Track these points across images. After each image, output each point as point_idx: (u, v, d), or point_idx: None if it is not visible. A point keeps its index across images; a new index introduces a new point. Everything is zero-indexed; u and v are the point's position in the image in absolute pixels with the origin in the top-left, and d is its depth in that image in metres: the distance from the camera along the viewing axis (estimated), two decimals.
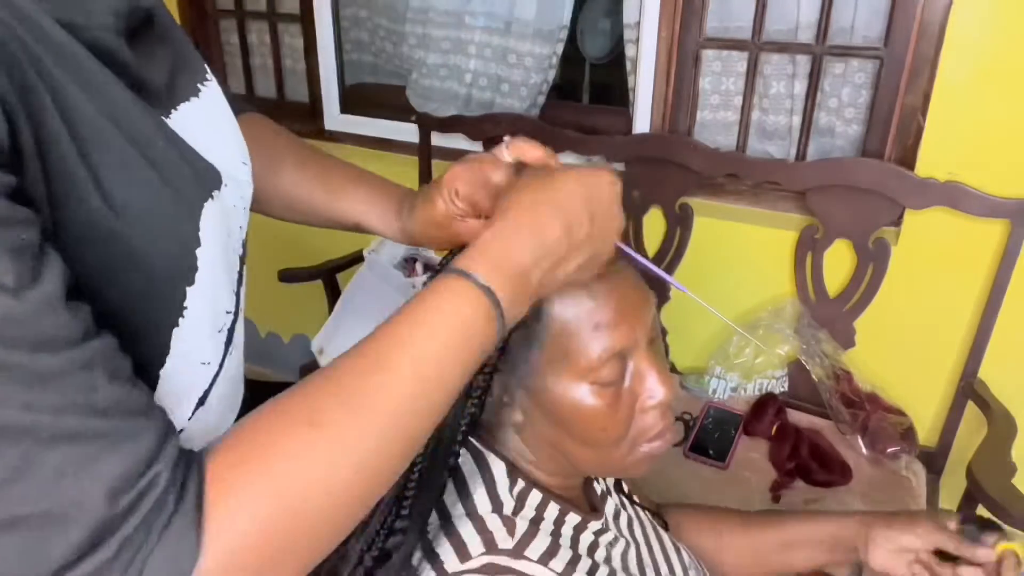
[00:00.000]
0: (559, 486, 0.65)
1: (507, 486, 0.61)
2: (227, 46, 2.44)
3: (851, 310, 1.56)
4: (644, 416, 0.60)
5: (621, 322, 0.57)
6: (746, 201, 1.70)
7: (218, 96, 0.61)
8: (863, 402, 1.49)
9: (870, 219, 1.49)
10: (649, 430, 0.61)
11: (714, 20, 1.65)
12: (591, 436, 0.59)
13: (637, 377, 0.60)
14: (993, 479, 1.17)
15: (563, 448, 0.62)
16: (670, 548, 0.76)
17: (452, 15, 1.93)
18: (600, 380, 0.57)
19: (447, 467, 0.58)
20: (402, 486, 0.57)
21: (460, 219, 0.60)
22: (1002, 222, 1.37)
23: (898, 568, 0.77)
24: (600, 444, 0.60)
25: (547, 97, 1.95)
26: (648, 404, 0.60)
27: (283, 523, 0.39)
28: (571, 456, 0.62)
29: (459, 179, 0.59)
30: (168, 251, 0.47)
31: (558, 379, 0.58)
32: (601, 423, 0.58)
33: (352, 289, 1.76)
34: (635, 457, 0.62)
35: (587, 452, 0.61)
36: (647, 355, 0.60)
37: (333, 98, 2.19)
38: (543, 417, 0.60)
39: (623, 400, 0.59)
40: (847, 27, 1.55)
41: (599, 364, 0.57)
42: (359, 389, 0.43)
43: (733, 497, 1.36)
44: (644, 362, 0.60)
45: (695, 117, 1.74)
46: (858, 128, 1.60)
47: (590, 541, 0.64)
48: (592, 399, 0.58)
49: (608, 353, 0.57)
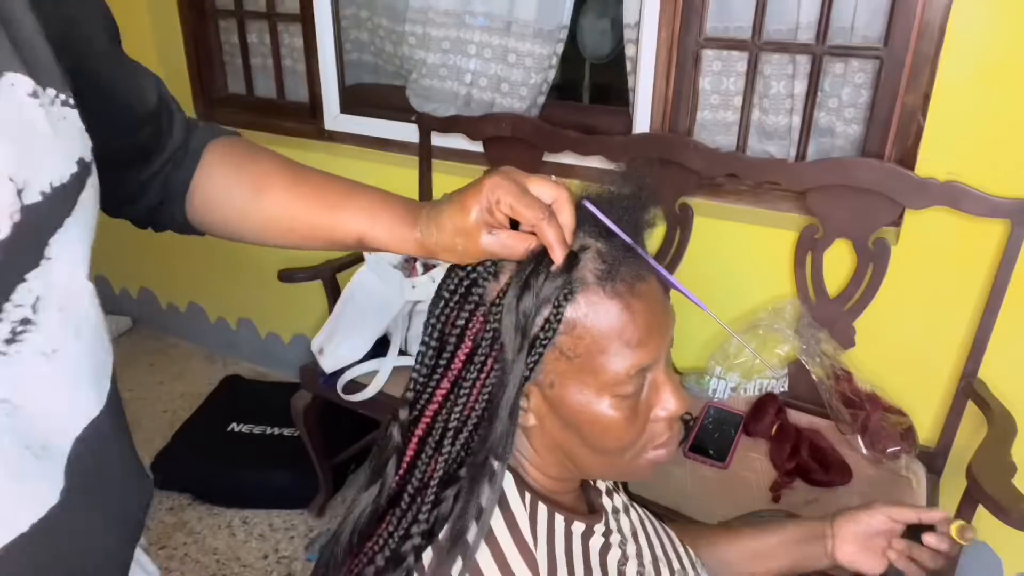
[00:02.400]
0: (558, 490, 0.65)
1: (518, 497, 0.61)
2: (227, 46, 2.44)
3: (851, 310, 1.56)
4: (655, 425, 0.62)
5: (649, 340, 0.58)
6: (746, 201, 1.70)
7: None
8: (863, 402, 1.49)
9: (870, 219, 1.49)
10: (657, 438, 0.62)
11: (714, 20, 1.65)
12: (604, 444, 0.60)
13: (653, 389, 0.61)
14: (993, 479, 1.17)
15: (571, 452, 0.62)
16: (677, 543, 0.77)
17: (452, 15, 1.93)
18: (622, 393, 0.58)
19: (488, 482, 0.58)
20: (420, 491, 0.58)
21: (489, 230, 0.58)
22: (1002, 222, 1.37)
23: (868, 561, 0.80)
24: (610, 451, 0.61)
25: (547, 97, 1.95)
26: (661, 415, 0.61)
27: None
28: (578, 460, 0.63)
29: (501, 188, 0.57)
30: None
31: (581, 390, 0.58)
32: (617, 432, 0.59)
33: (352, 289, 1.76)
34: (641, 463, 0.63)
35: (596, 458, 0.62)
36: (664, 368, 0.61)
37: (333, 98, 2.19)
38: (556, 422, 0.61)
39: (639, 411, 0.60)
40: (847, 27, 1.55)
41: (626, 379, 0.58)
42: None
43: (733, 497, 1.36)
44: (661, 375, 0.61)
45: (695, 117, 1.74)
46: (858, 128, 1.60)
47: (600, 544, 0.65)
48: (612, 411, 0.58)
49: (635, 369, 0.58)
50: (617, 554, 0.65)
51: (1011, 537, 1.23)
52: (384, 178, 2.12)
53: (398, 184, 2.08)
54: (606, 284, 0.57)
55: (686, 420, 1.57)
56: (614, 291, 0.57)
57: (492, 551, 0.58)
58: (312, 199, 0.67)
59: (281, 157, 0.71)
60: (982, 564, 1.60)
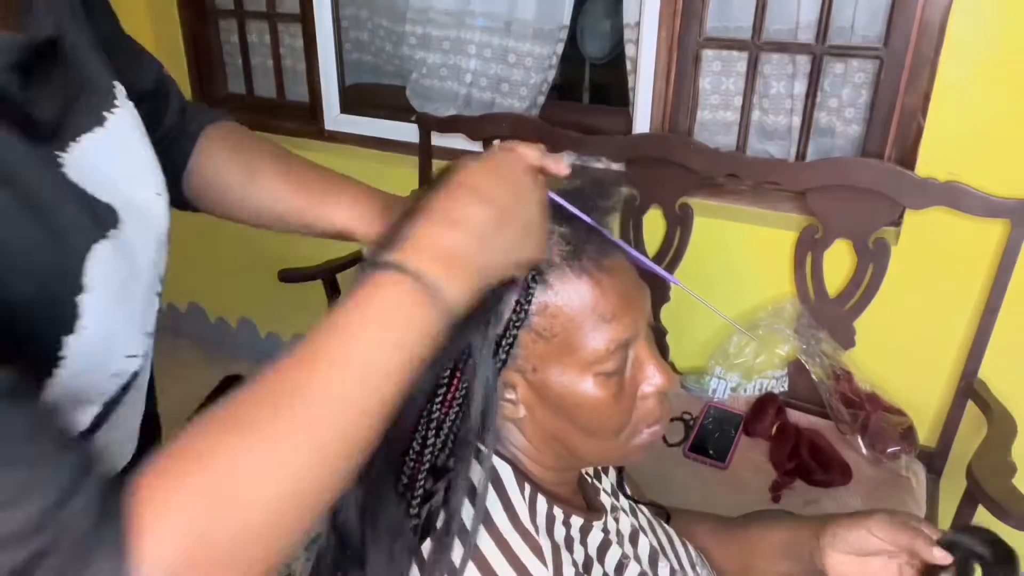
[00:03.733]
0: (556, 482, 0.66)
1: (517, 488, 0.61)
2: (227, 46, 2.44)
3: (851, 310, 1.56)
4: (644, 403, 0.62)
5: (625, 313, 0.59)
6: (746, 201, 1.70)
7: (129, 122, 0.57)
8: (863, 402, 1.49)
9: (870, 219, 1.49)
10: (649, 416, 0.63)
11: (714, 20, 1.65)
12: (596, 425, 0.61)
13: (637, 365, 0.62)
14: (993, 479, 1.17)
15: (566, 439, 0.62)
16: (677, 541, 0.76)
17: (452, 15, 1.93)
18: (605, 371, 0.59)
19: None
20: None
21: None
22: (1002, 222, 1.37)
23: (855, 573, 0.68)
24: (604, 433, 0.61)
25: (547, 97, 1.95)
26: (648, 391, 0.62)
27: (219, 537, 0.37)
28: (573, 447, 0.63)
29: None
30: (39, 298, 0.45)
31: (563, 371, 0.59)
32: (606, 412, 0.60)
33: None
34: (635, 444, 0.64)
35: (590, 442, 0.62)
36: (646, 344, 0.62)
37: (333, 98, 2.19)
38: (546, 410, 0.61)
39: (625, 389, 0.61)
40: (847, 27, 1.55)
41: (606, 355, 0.58)
42: (287, 387, 0.41)
43: (733, 497, 1.36)
44: (644, 351, 0.62)
45: (695, 117, 1.74)
46: (858, 128, 1.60)
47: (600, 540, 0.65)
48: (597, 390, 0.59)
49: (614, 344, 0.58)
50: (617, 552, 0.65)
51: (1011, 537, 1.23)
52: (384, 178, 2.12)
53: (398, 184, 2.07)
54: (573, 263, 0.58)
55: (686, 420, 1.57)
56: (581, 268, 0.58)
57: (493, 537, 0.58)
58: (298, 187, 0.71)
59: (271, 144, 0.74)
60: None
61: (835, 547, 0.68)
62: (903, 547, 0.65)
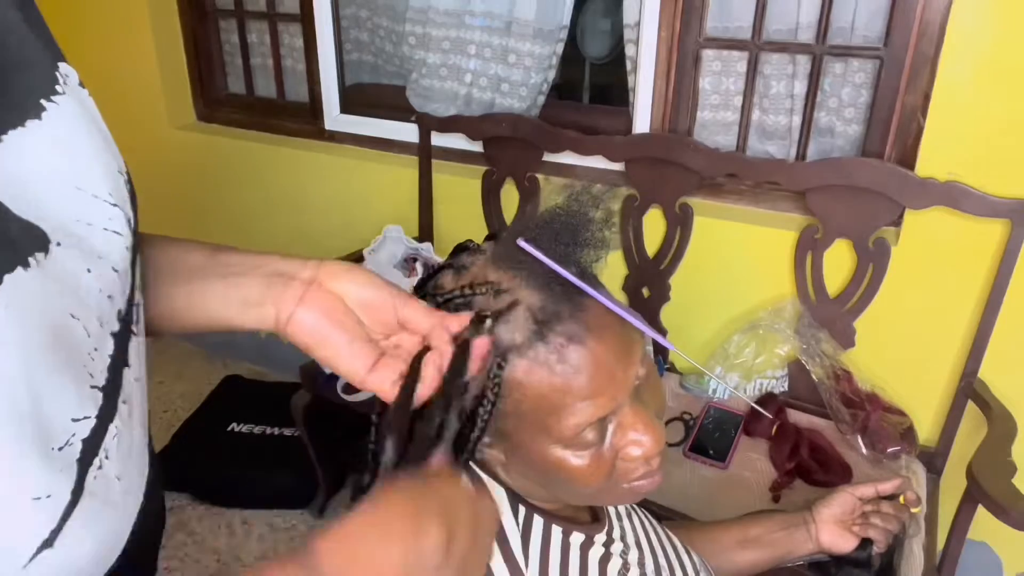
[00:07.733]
0: (556, 507, 0.64)
1: (511, 513, 0.60)
2: (227, 46, 2.44)
3: (851, 310, 1.56)
4: (626, 464, 0.58)
5: (604, 390, 0.54)
6: (746, 201, 1.70)
7: (76, 113, 0.43)
8: (863, 402, 1.49)
9: (870, 219, 1.49)
10: (631, 474, 0.59)
11: (714, 20, 1.65)
12: (574, 487, 0.58)
13: (620, 432, 0.57)
14: (993, 479, 1.17)
15: (549, 488, 0.61)
16: (681, 549, 0.76)
17: (452, 15, 1.93)
18: (581, 444, 0.55)
19: None
20: None
21: None
22: (1002, 222, 1.37)
23: (844, 540, 0.86)
24: (582, 494, 0.59)
25: (547, 97, 1.95)
26: (636, 454, 0.57)
27: None
28: (557, 495, 0.62)
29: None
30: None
31: (534, 441, 0.56)
32: (584, 480, 0.56)
33: None
34: (619, 493, 0.60)
35: (571, 495, 0.61)
36: (631, 410, 0.57)
37: (333, 98, 2.19)
38: (525, 466, 0.59)
39: (604, 455, 0.57)
40: (847, 27, 1.55)
41: (579, 433, 0.54)
42: None
43: (733, 497, 1.36)
44: (628, 416, 0.57)
45: (695, 117, 1.74)
46: (858, 128, 1.60)
47: (600, 555, 0.64)
48: (572, 460, 0.56)
49: (587, 424, 0.54)
50: (618, 564, 0.64)
51: (1011, 537, 1.23)
52: (384, 178, 2.12)
53: (398, 184, 2.08)
54: (539, 345, 0.52)
55: (686, 420, 1.57)
56: (551, 349, 0.52)
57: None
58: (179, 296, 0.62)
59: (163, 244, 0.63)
60: (982, 564, 1.60)
61: (824, 520, 0.87)
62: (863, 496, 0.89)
